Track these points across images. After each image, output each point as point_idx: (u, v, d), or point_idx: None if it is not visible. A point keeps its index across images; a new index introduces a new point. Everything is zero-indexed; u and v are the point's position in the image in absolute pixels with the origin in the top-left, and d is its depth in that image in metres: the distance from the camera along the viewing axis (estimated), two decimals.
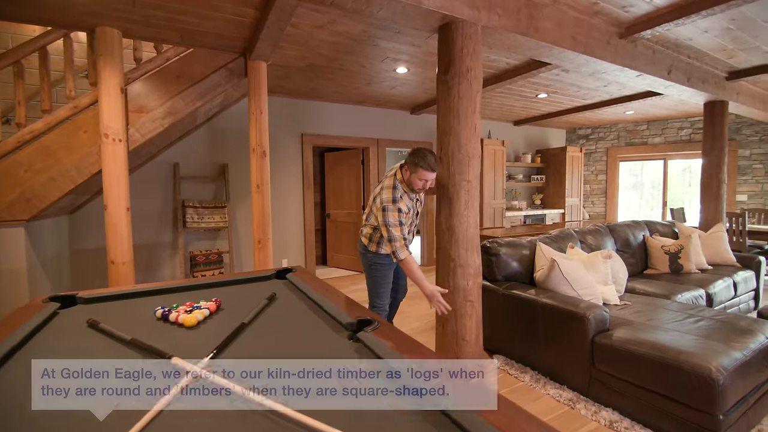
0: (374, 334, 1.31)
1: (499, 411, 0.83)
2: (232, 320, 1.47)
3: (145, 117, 3.17)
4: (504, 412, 0.83)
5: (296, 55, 3.54)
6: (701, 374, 1.69)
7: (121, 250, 3.02)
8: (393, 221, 2.16)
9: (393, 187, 2.22)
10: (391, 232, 2.16)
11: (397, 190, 2.22)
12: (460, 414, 0.83)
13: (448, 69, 2.22)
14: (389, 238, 2.17)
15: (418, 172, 2.16)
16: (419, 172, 2.15)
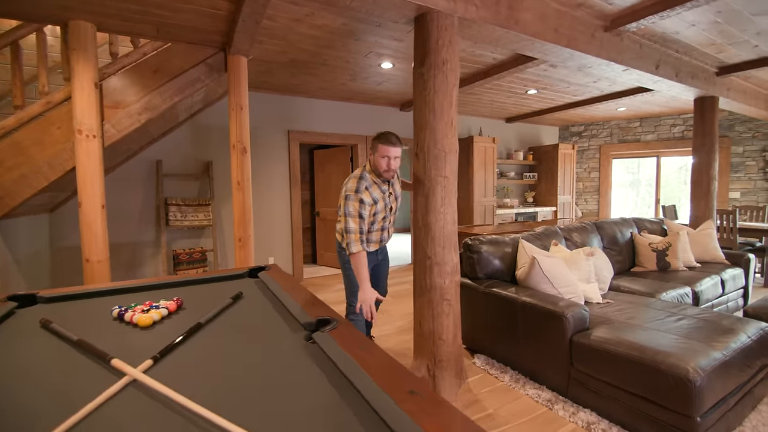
0: (330, 334, 1.26)
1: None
2: (191, 320, 1.44)
3: (122, 113, 3.10)
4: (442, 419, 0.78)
5: (277, 50, 3.47)
6: (678, 375, 1.63)
7: (96, 249, 2.96)
8: (352, 211, 2.08)
9: (359, 177, 2.16)
10: (348, 223, 2.09)
11: (364, 180, 2.15)
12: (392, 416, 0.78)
13: (424, 61, 2.16)
14: (345, 229, 2.10)
15: (379, 149, 2.11)
16: (379, 148, 2.10)
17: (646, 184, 7.52)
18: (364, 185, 2.14)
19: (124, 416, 0.81)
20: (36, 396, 0.90)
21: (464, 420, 0.81)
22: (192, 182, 4.44)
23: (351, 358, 1.07)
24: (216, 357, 1.13)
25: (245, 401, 0.87)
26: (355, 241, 2.09)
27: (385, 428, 0.77)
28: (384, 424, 0.78)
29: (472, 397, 2.24)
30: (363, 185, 2.13)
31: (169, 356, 1.13)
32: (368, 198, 2.12)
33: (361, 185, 2.13)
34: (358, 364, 1.04)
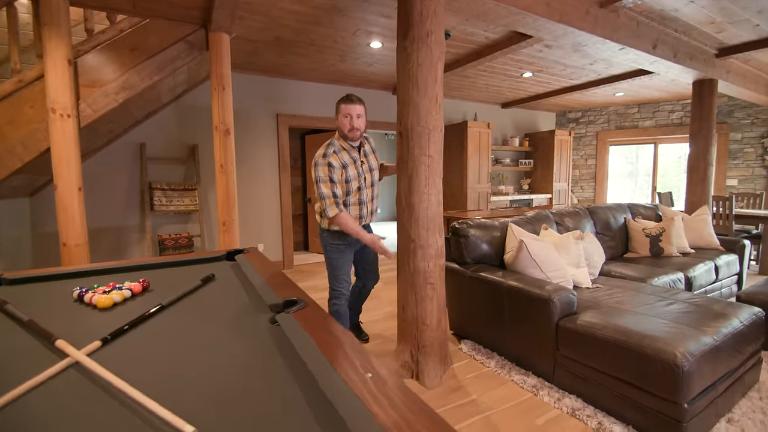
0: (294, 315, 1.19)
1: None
2: (155, 302, 1.37)
3: (98, 92, 2.99)
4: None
5: (261, 27, 3.33)
6: (665, 360, 1.57)
7: (74, 232, 2.87)
8: (322, 176, 2.05)
9: (327, 144, 2.16)
10: (321, 189, 2.06)
11: (331, 146, 2.14)
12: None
13: (407, 34, 2.05)
14: (319, 195, 2.07)
15: (341, 109, 2.10)
16: (341, 108, 2.10)
17: (645, 173, 7.43)
18: (332, 150, 2.12)
19: (62, 397, 0.75)
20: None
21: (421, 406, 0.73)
22: (177, 166, 4.33)
23: (310, 339, 1.00)
24: (170, 340, 1.05)
25: (188, 385, 0.80)
26: (330, 205, 2.05)
27: (333, 412, 0.70)
28: (332, 408, 0.71)
29: (456, 383, 2.19)
30: (330, 150, 2.12)
31: (122, 339, 1.06)
32: (337, 161, 2.09)
33: (329, 150, 2.11)
34: (317, 345, 0.96)
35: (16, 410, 0.71)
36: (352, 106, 2.10)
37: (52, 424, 0.68)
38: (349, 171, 2.14)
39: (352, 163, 2.17)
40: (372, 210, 2.32)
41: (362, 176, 2.20)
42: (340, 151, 2.15)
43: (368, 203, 2.27)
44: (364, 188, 2.22)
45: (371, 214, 2.33)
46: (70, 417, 0.69)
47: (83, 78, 2.98)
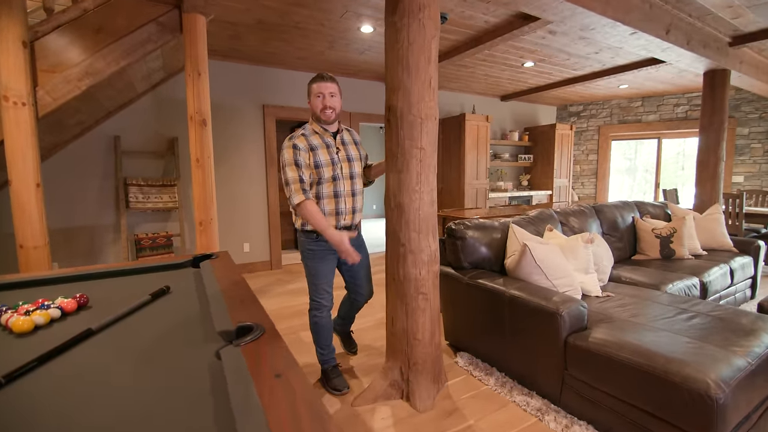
0: (243, 349, 0.94)
1: None
2: (88, 324, 1.13)
3: (58, 78, 2.70)
4: None
5: (240, 8, 3.05)
6: (696, 390, 1.33)
7: (32, 233, 2.61)
8: (287, 159, 1.83)
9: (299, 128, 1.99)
10: (286, 173, 1.83)
11: (302, 129, 1.95)
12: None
13: (396, 8, 1.78)
14: (285, 181, 1.84)
15: (312, 89, 1.89)
16: (312, 88, 1.89)
17: (643, 170, 7.22)
18: (300, 133, 1.92)
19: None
20: None
21: None
22: (155, 160, 4.05)
23: (254, 392, 0.75)
24: (78, 382, 0.81)
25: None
26: (295, 191, 1.82)
27: None
28: None
29: (452, 405, 1.95)
30: (299, 133, 1.92)
31: (24, 379, 0.82)
32: (303, 143, 1.86)
33: (296, 133, 1.92)
34: (261, 403, 0.71)
35: None
36: (323, 84, 1.87)
37: None
38: (318, 155, 1.88)
39: (324, 147, 1.91)
40: (354, 207, 2.00)
41: (337, 164, 1.92)
42: (311, 134, 1.92)
43: (346, 197, 1.96)
44: (341, 179, 1.93)
45: (353, 212, 2.00)
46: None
47: (42, 62, 2.70)
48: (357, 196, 2.01)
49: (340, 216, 1.96)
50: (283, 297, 3.72)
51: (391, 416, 1.86)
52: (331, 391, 2.05)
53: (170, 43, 3.09)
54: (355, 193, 2.00)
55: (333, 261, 2.02)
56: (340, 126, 2.02)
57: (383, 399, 1.97)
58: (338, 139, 1.98)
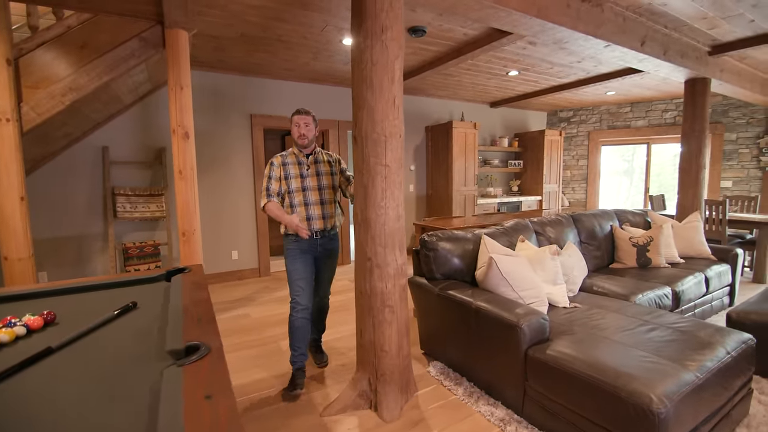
0: (183, 370, 0.99)
1: None
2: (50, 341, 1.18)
3: (42, 93, 2.76)
4: None
5: (222, 23, 3.11)
6: (639, 405, 1.37)
7: (16, 245, 2.67)
8: (265, 173, 2.29)
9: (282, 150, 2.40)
10: (262, 184, 2.33)
11: (283, 152, 2.38)
12: None
13: (360, 29, 1.84)
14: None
15: (292, 120, 2.28)
16: (293, 119, 2.28)
17: (641, 171, 7.24)
18: (280, 153, 2.35)
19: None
20: None
21: None
22: (143, 170, 4.11)
23: (181, 414, 0.80)
24: (28, 405, 0.86)
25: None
26: (262, 197, 2.26)
27: None
28: None
29: (418, 415, 1.99)
30: (279, 154, 2.34)
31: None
32: (278, 161, 2.29)
33: (277, 155, 2.33)
34: (184, 423, 0.76)
35: None
36: (300, 116, 2.27)
37: None
38: (289, 169, 2.28)
39: (295, 164, 2.29)
40: (323, 213, 2.29)
41: (306, 178, 2.28)
42: (288, 155, 2.32)
43: (315, 205, 2.28)
44: (309, 190, 2.28)
45: (323, 218, 2.29)
46: None
47: (26, 79, 2.77)
48: (326, 205, 2.31)
49: (311, 221, 2.27)
50: (269, 305, 3.76)
51: (358, 426, 1.90)
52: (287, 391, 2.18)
53: (154, 58, 3.15)
54: (324, 202, 2.31)
55: (307, 261, 2.28)
56: (315, 149, 2.37)
57: (352, 409, 2.01)
58: (311, 159, 2.33)
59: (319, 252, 2.31)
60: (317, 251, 2.30)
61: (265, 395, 2.19)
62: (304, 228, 2.15)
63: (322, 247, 2.31)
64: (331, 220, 2.32)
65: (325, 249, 2.33)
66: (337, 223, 2.37)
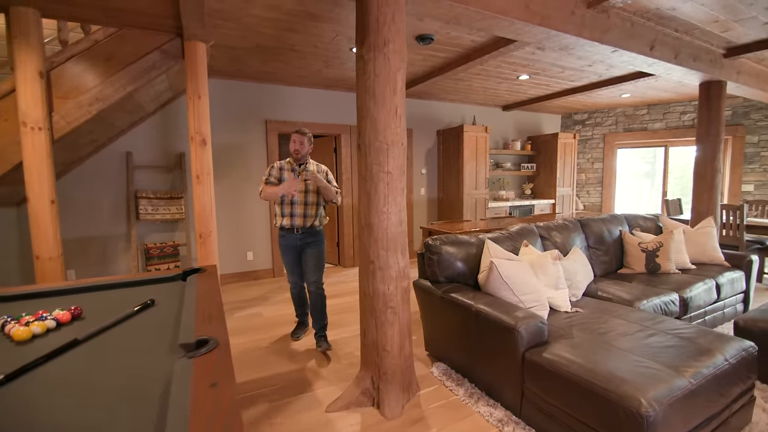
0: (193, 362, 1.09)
1: None
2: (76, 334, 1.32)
3: (71, 104, 2.96)
4: None
5: (238, 35, 3.26)
6: (628, 407, 1.40)
7: (47, 246, 2.85)
8: (266, 172, 2.87)
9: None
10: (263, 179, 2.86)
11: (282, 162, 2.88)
12: None
13: (363, 42, 1.93)
14: None
15: (291, 137, 2.80)
16: (291, 136, 2.80)
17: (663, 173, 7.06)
18: (278, 162, 2.89)
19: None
20: None
21: None
22: (164, 174, 4.31)
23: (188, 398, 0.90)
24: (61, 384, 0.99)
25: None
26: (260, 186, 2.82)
27: None
28: None
29: (419, 414, 2.05)
30: (278, 161, 2.92)
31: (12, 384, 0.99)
32: (277, 165, 2.86)
33: (277, 161, 2.94)
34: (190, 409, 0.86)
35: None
36: (297, 135, 2.77)
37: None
38: (284, 174, 2.81)
39: (289, 170, 2.82)
40: (305, 213, 2.77)
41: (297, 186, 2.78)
42: (285, 163, 2.86)
43: (299, 205, 2.76)
44: (296, 192, 2.74)
45: (304, 216, 2.76)
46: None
47: (57, 90, 2.96)
48: (308, 206, 2.79)
49: (294, 217, 2.77)
50: (281, 305, 3.89)
51: (360, 422, 1.98)
52: (292, 336, 3.03)
53: (174, 68, 3.32)
54: (307, 204, 2.78)
55: (293, 253, 2.84)
56: (307, 160, 2.85)
57: (355, 406, 2.09)
58: (302, 167, 2.82)
59: (300, 244, 2.80)
60: (299, 244, 2.80)
61: (273, 390, 2.29)
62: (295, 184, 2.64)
63: (302, 241, 2.80)
64: (311, 219, 2.78)
65: (306, 242, 2.80)
66: (317, 222, 2.82)
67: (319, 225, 2.83)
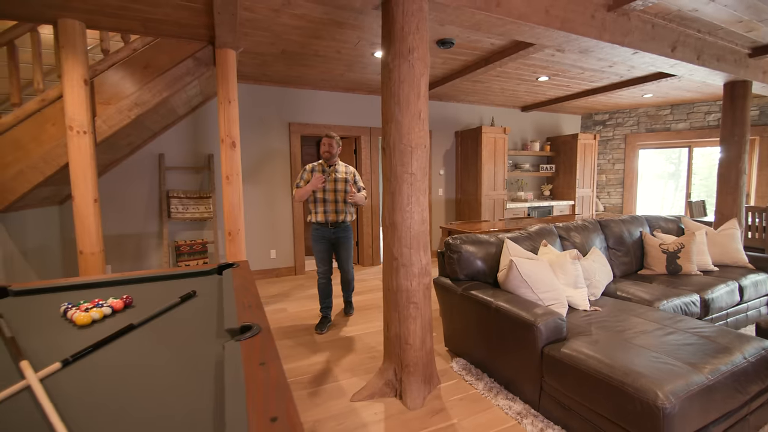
0: (241, 344, 1.21)
1: None
2: (133, 319, 1.47)
3: (112, 108, 3.16)
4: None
5: (266, 42, 3.41)
6: (644, 400, 1.46)
7: (89, 241, 3.06)
8: (299, 175, 3.27)
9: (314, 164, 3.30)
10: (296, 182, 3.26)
11: (314, 162, 3.26)
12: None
13: (389, 50, 2.03)
14: None
15: (322, 141, 3.21)
16: (322, 140, 3.20)
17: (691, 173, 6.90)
18: (310, 165, 3.26)
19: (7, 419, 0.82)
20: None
21: None
22: (193, 175, 4.51)
23: (242, 374, 1.01)
24: (122, 363, 1.12)
25: (116, 417, 0.85)
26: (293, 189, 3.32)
27: None
28: None
29: (440, 405, 2.14)
30: (311, 163, 3.27)
31: (82, 360, 1.13)
32: (309, 168, 3.24)
33: (310, 164, 3.28)
34: (245, 380, 0.98)
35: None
36: (327, 139, 3.19)
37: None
38: (315, 175, 3.15)
39: (320, 171, 3.20)
40: (336, 209, 3.18)
41: (326, 184, 3.17)
42: (316, 164, 3.24)
43: (330, 202, 3.17)
44: (327, 191, 3.16)
45: (336, 212, 3.18)
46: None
47: (99, 96, 3.17)
48: (339, 203, 3.19)
49: (327, 214, 3.17)
50: (303, 301, 4.03)
51: (384, 411, 2.08)
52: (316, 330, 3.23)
53: (206, 74, 3.50)
54: (337, 201, 3.18)
55: (326, 245, 3.22)
56: (336, 162, 3.25)
57: (378, 396, 2.20)
58: (332, 169, 3.21)
59: (334, 237, 3.21)
60: (332, 237, 3.21)
61: (300, 380, 2.42)
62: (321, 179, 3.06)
63: (335, 234, 3.22)
64: (341, 215, 3.20)
65: (338, 236, 3.23)
66: (347, 218, 3.23)
67: (348, 219, 3.26)
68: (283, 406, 0.89)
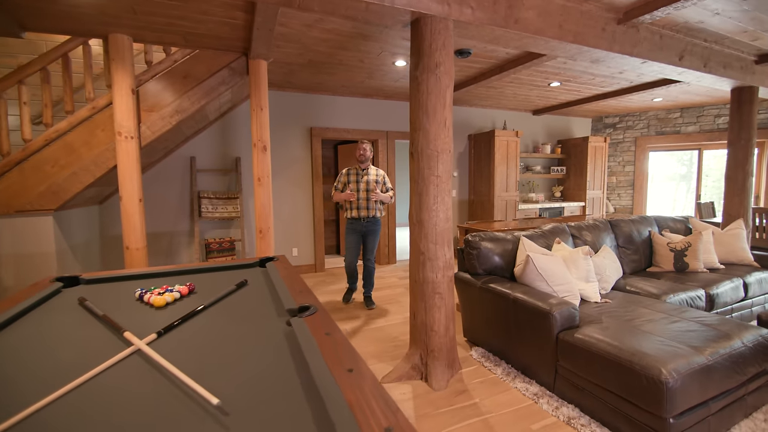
0: (305, 320, 1.43)
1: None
2: (197, 303, 1.68)
3: (155, 115, 3.43)
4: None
5: (295, 53, 3.66)
6: (650, 376, 1.65)
7: (135, 238, 3.32)
8: (338, 178, 3.85)
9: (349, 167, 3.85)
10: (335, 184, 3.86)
11: (348, 168, 3.83)
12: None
13: (418, 64, 2.25)
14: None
15: (356, 146, 3.79)
16: (357, 144, 3.75)
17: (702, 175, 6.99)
18: (346, 168, 3.83)
19: (127, 376, 1.04)
20: (63, 355, 1.15)
21: (381, 393, 0.94)
22: (222, 177, 4.78)
23: (314, 341, 1.24)
24: (208, 334, 1.34)
25: (218, 369, 1.07)
26: (333, 191, 3.86)
27: (317, 392, 0.94)
28: (317, 391, 0.94)
29: (462, 387, 2.35)
30: (347, 168, 3.85)
31: (171, 332, 1.36)
32: (344, 171, 3.81)
33: (346, 168, 3.88)
34: (318, 345, 1.20)
35: (95, 384, 1.00)
36: (361, 144, 3.71)
37: (119, 394, 0.96)
38: (350, 178, 3.74)
39: (355, 174, 3.75)
40: (368, 206, 3.70)
41: (360, 184, 3.71)
42: (351, 168, 3.79)
43: (363, 201, 3.69)
44: (361, 191, 3.69)
45: (368, 209, 3.70)
46: (131, 390, 0.97)
47: (143, 104, 3.44)
48: (370, 201, 3.70)
49: (359, 210, 3.69)
50: (325, 296, 4.26)
51: (411, 392, 2.30)
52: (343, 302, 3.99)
53: (239, 83, 3.76)
54: (369, 200, 3.70)
55: (356, 236, 3.76)
56: (369, 166, 3.77)
57: (406, 379, 2.41)
58: (364, 172, 3.73)
59: (364, 230, 3.74)
60: (363, 230, 3.73)
61: None
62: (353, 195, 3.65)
63: (366, 228, 3.74)
64: (372, 211, 3.72)
65: (368, 229, 3.75)
66: (377, 214, 3.75)
67: (378, 215, 3.77)
68: (354, 360, 1.11)
